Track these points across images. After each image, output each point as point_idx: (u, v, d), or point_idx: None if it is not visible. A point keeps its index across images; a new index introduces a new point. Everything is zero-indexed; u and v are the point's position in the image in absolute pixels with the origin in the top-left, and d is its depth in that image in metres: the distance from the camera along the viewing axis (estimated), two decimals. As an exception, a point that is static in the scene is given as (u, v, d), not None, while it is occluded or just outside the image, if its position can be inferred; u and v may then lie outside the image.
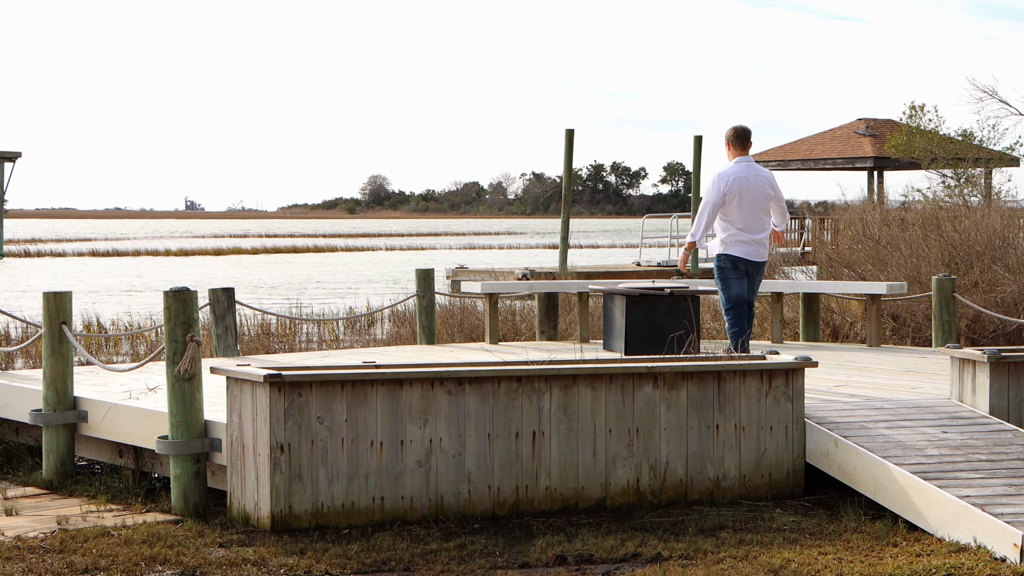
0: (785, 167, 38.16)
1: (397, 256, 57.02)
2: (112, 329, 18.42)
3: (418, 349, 12.36)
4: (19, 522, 7.36)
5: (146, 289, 32.97)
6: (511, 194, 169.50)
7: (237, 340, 11.64)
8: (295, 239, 73.97)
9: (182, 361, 7.40)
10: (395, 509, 7.19)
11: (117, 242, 70.35)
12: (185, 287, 7.57)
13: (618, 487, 7.61)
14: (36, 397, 8.79)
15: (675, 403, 7.74)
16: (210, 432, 7.55)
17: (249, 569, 6.31)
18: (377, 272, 42.89)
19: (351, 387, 7.14)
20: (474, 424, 7.36)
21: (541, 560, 6.48)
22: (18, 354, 13.35)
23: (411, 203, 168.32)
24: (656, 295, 11.14)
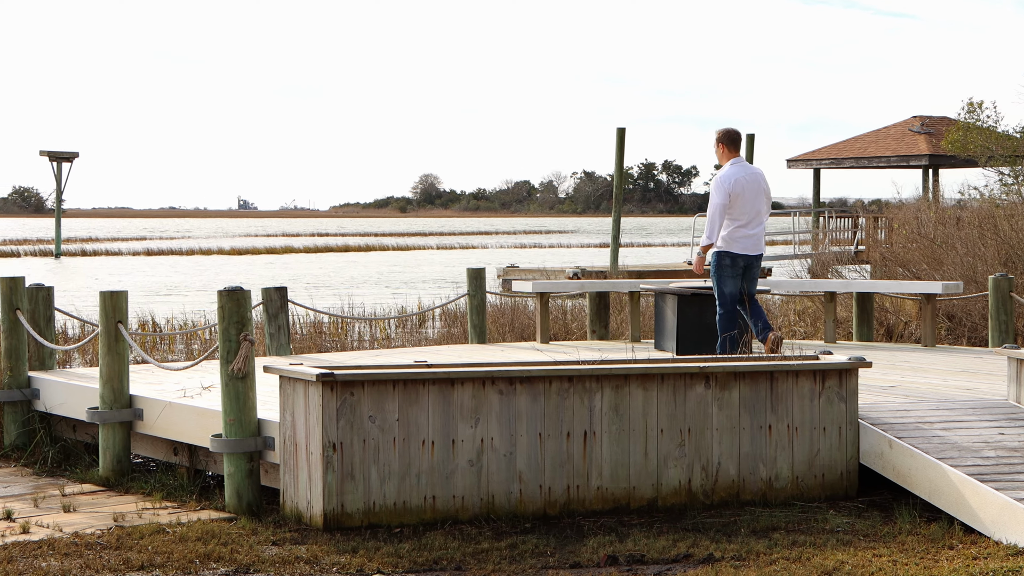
0: (838, 165, 37.85)
1: (448, 255, 57.17)
2: (167, 328, 18.61)
3: (469, 348, 12.39)
4: (77, 519, 7.45)
5: (200, 288, 33.28)
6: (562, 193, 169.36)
7: (290, 339, 11.72)
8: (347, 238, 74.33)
9: (236, 360, 7.46)
10: (446, 508, 7.21)
11: (172, 241, 71.06)
12: (238, 286, 7.63)
13: (670, 487, 7.58)
14: (93, 395, 8.90)
15: (727, 403, 7.70)
16: (263, 431, 7.61)
17: (302, 567, 6.35)
18: (428, 271, 43.03)
19: (403, 386, 7.17)
20: (525, 424, 7.36)
21: (592, 560, 6.47)
22: (75, 352, 13.52)
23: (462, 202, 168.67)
24: (708, 295, 11.08)
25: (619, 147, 23.90)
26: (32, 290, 9.89)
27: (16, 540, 6.86)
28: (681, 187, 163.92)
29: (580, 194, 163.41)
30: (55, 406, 9.51)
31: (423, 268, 45.03)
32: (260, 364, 8.08)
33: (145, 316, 19.25)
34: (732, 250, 10.00)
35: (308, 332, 16.44)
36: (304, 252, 59.65)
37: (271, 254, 57.61)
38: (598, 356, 9.20)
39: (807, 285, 15.10)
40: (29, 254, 52.97)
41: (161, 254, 55.93)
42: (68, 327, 16.54)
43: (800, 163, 38.62)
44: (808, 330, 15.41)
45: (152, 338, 15.86)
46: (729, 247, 10.02)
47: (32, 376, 9.78)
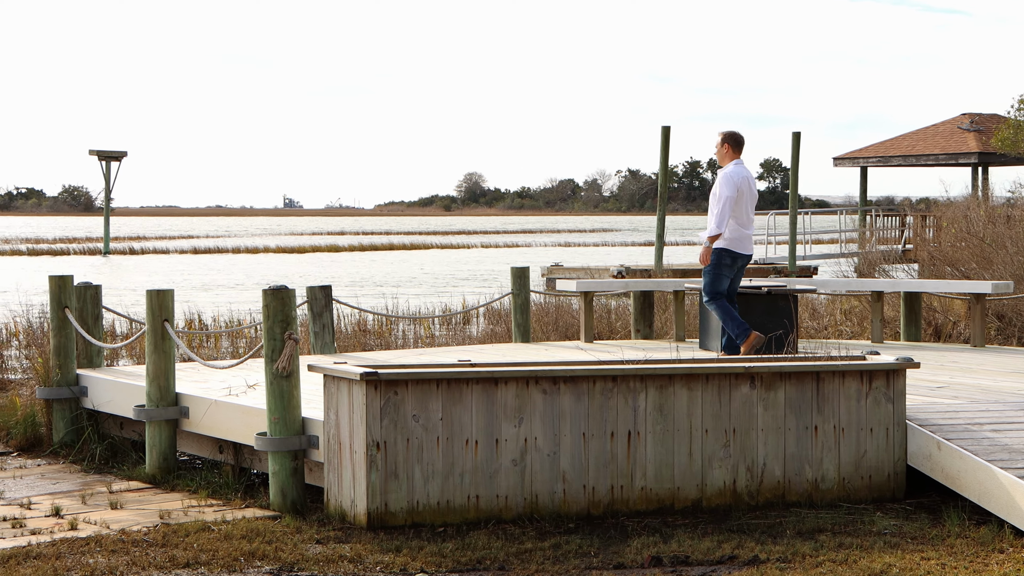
0: (886, 163, 37.51)
1: (492, 253, 57.21)
2: (212, 326, 18.74)
3: (513, 347, 12.38)
4: (123, 516, 7.51)
5: (246, 286, 33.49)
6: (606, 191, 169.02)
7: (334, 337, 11.76)
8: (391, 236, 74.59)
9: (280, 359, 7.49)
10: (490, 508, 7.20)
11: (218, 239, 71.58)
12: (283, 285, 7.66)
13: (714, 488, 7.54)
14: (139, 393, 8.97)
15: (773, 403, 7.64)
16: (307, 429, 7.63)
17: (346, 566, 6.36)
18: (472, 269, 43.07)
19: (446, 385, 7.17)
20: (569, 423, 7.34)
21: (636, 561, 6.44)
22: (123, 350, 13.63)
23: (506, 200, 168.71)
24: (753, 294, 11.02)
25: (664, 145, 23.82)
26: (80, 288, 9.99)
27: (64, 536, 6.93)
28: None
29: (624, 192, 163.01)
30: (103, 404, 9.60)
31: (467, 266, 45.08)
32: (304, 363, 8.12)
33: (191, 314, 19.39)
34: (733, 248, 10.19)
35: (352, 331, 16.49)
36: (349, 251, 59.92)
37: (316, 252, 57.91)
38: (642, 355, 9.16)
39: (854, 284, 14.97)
40: (78, 252, 53.55)
41: (207, 252, 56.37)
42: (116, 325, 16.69)
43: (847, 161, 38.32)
44: (855, 330, 15.27)
45: (199, 336, 15.97)
46: (732, 246, 10.20)
47: (80, 374, 9.87)
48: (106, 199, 52.93)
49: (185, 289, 30.87)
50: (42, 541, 6.81)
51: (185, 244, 63.54)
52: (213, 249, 58.48)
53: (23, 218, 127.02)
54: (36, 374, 10.45)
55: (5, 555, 6.50)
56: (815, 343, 11.93)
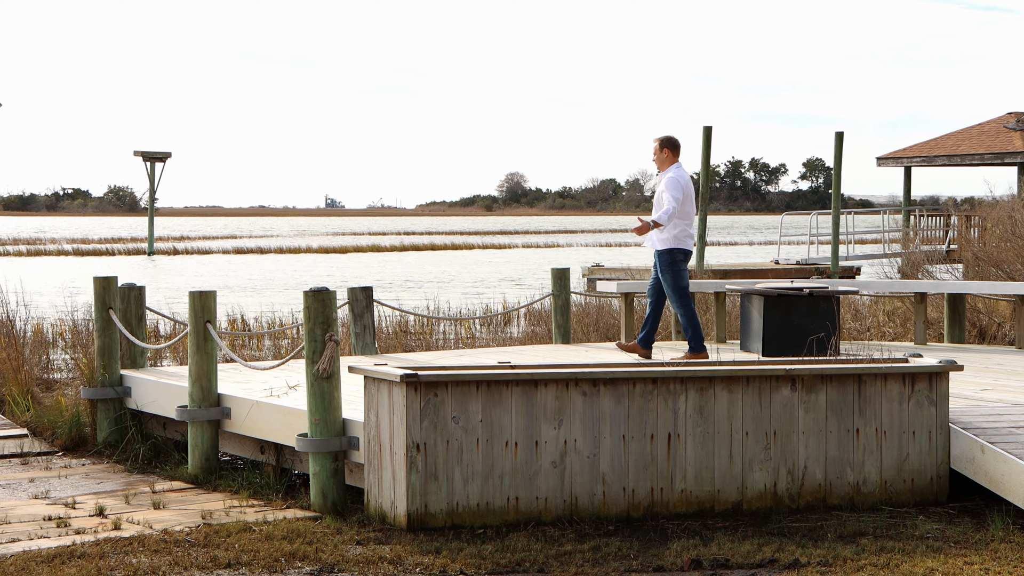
0: (930, 163, 37.19)
1: (533, 253, 57.21)
2: (255, 326, 18.87)
3: (553, 348, 12.37)
4: (166, 515, 7.58)
5: (288, 286, 33.68)
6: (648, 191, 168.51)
7: (375, 338, 11.80)
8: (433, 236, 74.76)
9: (321, 360, 7.53)
10: (529, 509, 7.21)
11: (261, 240, 72.01)
12: (324, 287, 7.69)
13: (754, 491, 7.50)
14: (182, 393, 9.04)
15: (814, 406, 7.59)
16: (348, 430, 7.67)
17: (386, 567, 6.39)
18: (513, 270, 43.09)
19: (486, 387, 7.18)
20: (609, 425, 7.33)
21: (676, 564, 6.42)
22: (165, 351, 13.75)
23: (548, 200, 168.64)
24: (795, 295, 10.96)
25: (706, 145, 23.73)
26: (124, 289, 10.08)
27: (108, 536, 7.00)
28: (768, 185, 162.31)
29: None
30: (146, 404, 9.68)
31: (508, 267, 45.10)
32: (345, 364, 8.15)
33: (234, 314, 19.53)
34: (683, 247, 10.68)
35: (393, 331, 16.54)
36: (390, 251, 60.12)
37: (358, 253, 58.14)
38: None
39: (897, 286, 14.85)
40: (123, 253, 54.05)
41: (250, 252, 56.73)
42: (160, 325, 16.83)
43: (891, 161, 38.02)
44: (898, 331, 15.15)
45: (241, 337, 16.08)
46: (681, 244, 10.67)
47: (124, 374, 9.96)
48: (150, 200, 53.39)
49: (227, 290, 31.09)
50: (86, 540, 6.88)
51: (228, 244, 63.97)
52: (255, 249, 58.83)
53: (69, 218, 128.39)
54: (81, 374, 10.56)
55: (50, 554, 6.57)
56: (857, 345, 11.85)
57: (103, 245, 59.23)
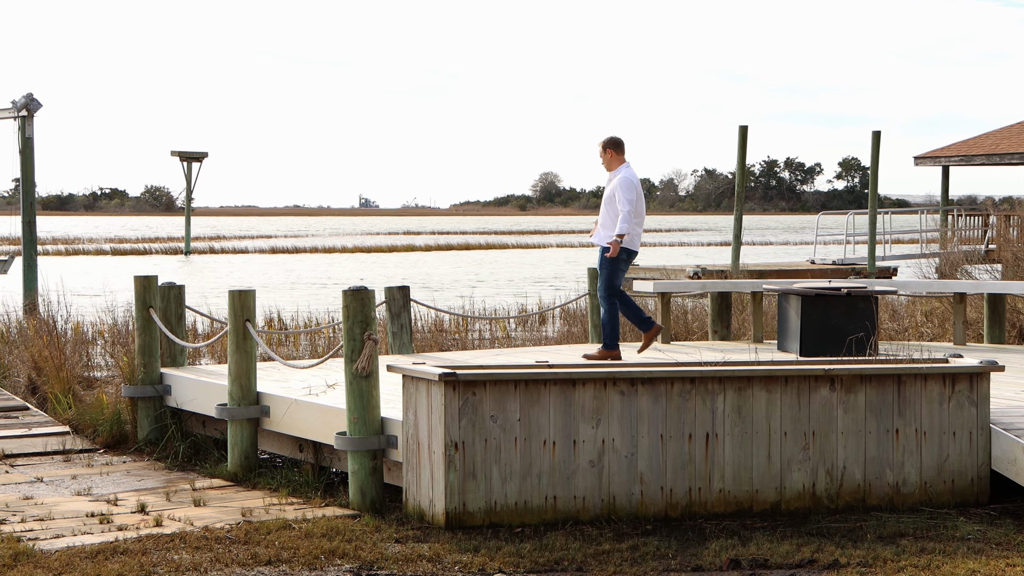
0: (968, 162, 36.90)
1: (568, 253, 57.17)
2: (291, 325, 18.96)
3: (590, 348, 12.36)
4: (206, 513, 7.64)
5: (324, 285, 33.82)
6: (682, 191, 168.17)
7: (412, 338, 11.84)
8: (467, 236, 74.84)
9: (360, 359, 7.56)
10: (567, 509, 7.22)
11: (296, 239, 72.33)
12: (363, 286, 7.73)
13: (793, 491, 7.48)
14: (222, 392, 9.11)
15: (853, 406, 7.56)
16: (386, 429, 7.70)
17: (424, 565, 6.41)
18: (548, 269, 43.08)
19: (524, 386, 7.19)
20: (647, 425, 7.33)
21: (715, 564, 6.42)
22: (203, 349, 13.84)
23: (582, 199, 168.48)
24: (833, 295, 10.91)
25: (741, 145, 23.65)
26: (164, 289, 10.16)
27: (150, 533, 7.06)
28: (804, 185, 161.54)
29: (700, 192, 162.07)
30: (185, 402, 9.76)
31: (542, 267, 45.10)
32: (383, 363, 8.18)
33: (271, 314, 19.63)
34: (631, 247, 10.70)
35: (430, 331, 16.59)
36: (425, 250, 60.24)
37: (393, 252, 58.29)
38: (720, 357, 9.12)
39: (936, 286, 14.75)
40: (160, 252, 54.44)
41: (286, 252, 56.99)
42: (198, 324, 16.95)
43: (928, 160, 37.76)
44: (936, 332, 15.05)
45: (278, 336, 16.17)
46: (629, 244, 10.70)
47: (164, 372, 10.04)
48: (187, 199, 53.75)
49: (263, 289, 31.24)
50: (128, 537, 6.95)
51: (263, 244, 64.29)
52: (291, 249, 59.10)
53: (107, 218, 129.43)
54: (121, 372, 10.66)
55: (94, 550, 6.64)
56: (896, 345, 11.78)
57: (140, 245, 59.68)
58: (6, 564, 6.39)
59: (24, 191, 23.96)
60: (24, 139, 23.49)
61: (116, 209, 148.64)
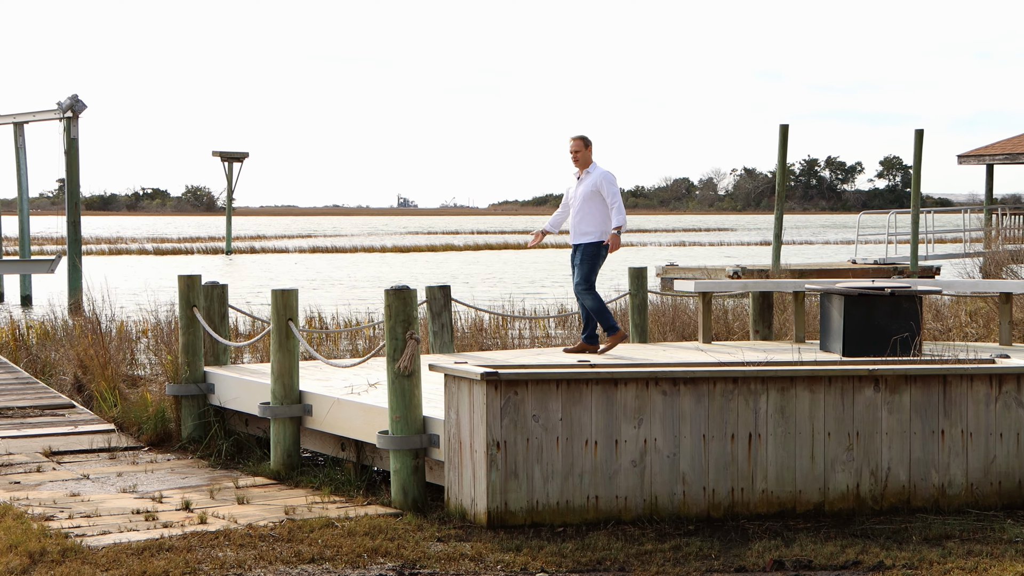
0: (1013, 160, 36.52)
1: (606, 253, 57.00)
2: (331, 324, 19.04)
3: (631, 348, 12.34)
4: (250, 511, 7.68)
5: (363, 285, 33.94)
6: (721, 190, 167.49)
7: (452, 337, 11.86)
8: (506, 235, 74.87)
9: (402, 358, 7.59)
10: (609, 508, 7.21)
11: (335, 239, 72.63)
12: (405, 285, 7.75)
13: (837, 492, 7.44)
14: (264, 391, 9.16)
15: (897, 407, 7.51)
16: (428, 428, 7.72)
17: (467, 564, 6.42)
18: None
19: (566, 386, 7.19)
20: (689, 425, 7.31)
21: (758, 565, 6.39)
22: (246, 348, 13.92)
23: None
24: (876, 295, 10.84)
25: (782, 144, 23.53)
26: (208, 288, 10.23)
27: (194, 530, 7.11)
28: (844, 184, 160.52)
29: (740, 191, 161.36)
30: (229, 400, 9.82)
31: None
32: (425, 362, 8.20)
33: (312, 313, 19.72)
34: (606, 240, 10.79)
35: (469, 330, 16.60)
36: (464, 250, 60.31)
37: (432, 252, 58.41)
38: (762, 357, 9.08)
39: (981, 285, 14.62)
40: (201, 252, 54.82)
41: (325, 251, 57.24)
42: (240, 323, 17.05)
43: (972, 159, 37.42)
44: (980, 332, 14.91)
45: (319, 335, 16.23)
46: (606, 239, 10.80)
47: (207, 371, 10.11)
48: (228, 199, 54.10)
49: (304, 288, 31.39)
50: (174, 534, 7.01)
51: (304, 244, 64.60)
52: (331, 248, 59.35)
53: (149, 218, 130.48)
54: (165, 371, 10.74)
55: (140, 546, 6.70)
56: (940, 345, 11.68)
57: (182, 244, 60.12)
58: (55, 560, 6.46)
59: (69, 191, 24.22)
60: (69, 140, 23.77)
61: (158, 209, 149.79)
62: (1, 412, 10.90)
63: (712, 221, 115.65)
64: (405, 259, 51.19)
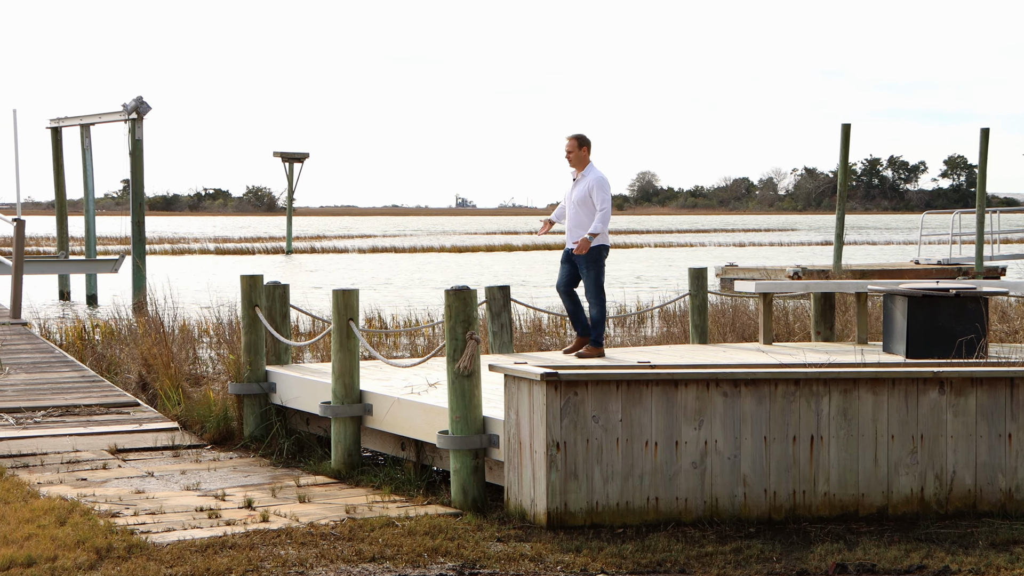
0: (1080, 159, 35.90)
1: (665, 253, 56.87)
2: (391, 324, 19.14)
3: (690, 348, 12.29)
4: (311, 509, 7.74)
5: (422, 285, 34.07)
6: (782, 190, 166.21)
7: (512, 337, 11.87)
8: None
9: (462, 358, 7.60)
10: (669, 510, 7.18)
11: (395, 239, 72.98)
12: (465, 286, 7.77)
13: (900, 495, 7.36)
14: (325, 390, 9.22)
15: (963, 410, 7.41)
16: (488, 428, 7.73)
17: (527, 565, 6.43)
18: (645, 269, 42.89)
19: (626, 387, 7.17)
20: (750, 426, 7.27)
21: (820, 568, 6.34)
22: (306, 347, 14.03)
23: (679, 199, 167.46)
24: (940, 296, 10.71)
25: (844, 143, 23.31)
26: (269, 288, 10.32)
27: (257, 528, 7.18)
28: (907, 183, 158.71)
29: (801, 191, 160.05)
30: (290, 400, 9.90)
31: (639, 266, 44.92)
32: (485, 363, 8.21)
33: (371, 313, 19.83)
34: (608, 243, 10.92)
35: (528, 330, 16.62)
36: (523, 250, 60.34)
37: (490, 252, 58.50)
38: (824, 358, 9.01)
39: (1047, 286, 14.38)
40: (262, 251, 55.29)
41: (384, 252, 57.52)
42: (300, 322, 17.19)
43: (1038, 157, 36.83)
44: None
45: (378, 335, 16.32)
46: (607, 241, 10.90)
47: (269, 370, 10.20)
48: (288, 199, 54.52)
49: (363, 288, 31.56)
50: (236, 532, 7.07)
51: (363, 244, 64.97)
52: (390, 248, 59.64)
53: (210, 218, 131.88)
54: (227, 370, 10.85)
55: (203, 544, 6.77)
56: (1007, 348, 11.52)
57: (243, 244, 60.69)
58: (121, 556, 6.55)
59: (133, 192, 24.54)
60: (134, 141, 24.08)
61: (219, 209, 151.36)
62: (68, 410, 11.08)
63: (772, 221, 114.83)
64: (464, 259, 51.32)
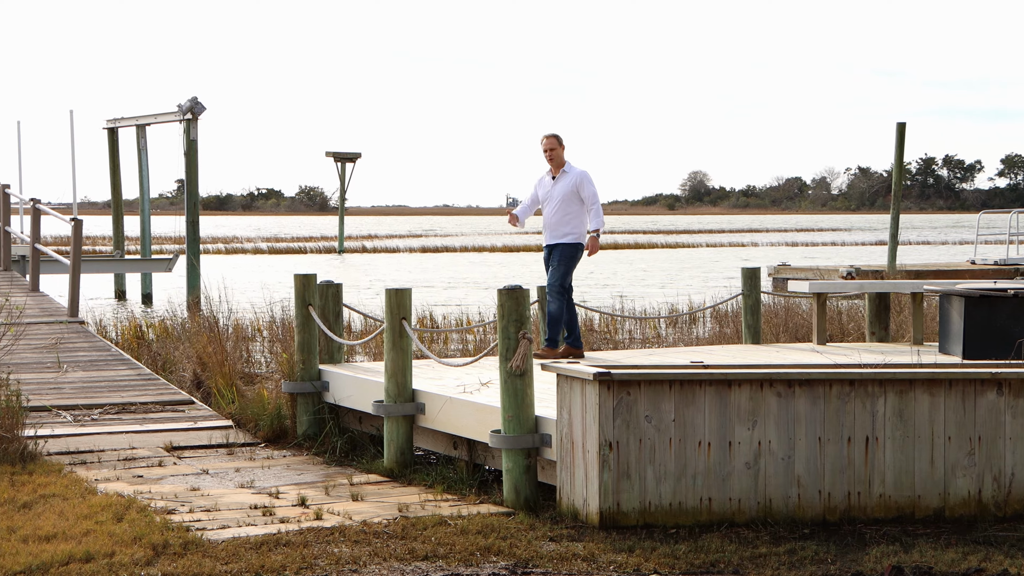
0: None
1: (717, 253, 56.60)
2: (442, 323, 19.19)
3: (743, 348, 12.23)
4: (364, 507, 7.78)
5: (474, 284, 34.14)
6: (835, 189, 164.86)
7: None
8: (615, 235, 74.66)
9: (514, 358, 7.61)
10: (722, 510, 7.15)
11: (446, 238, 73.16)
12: (518, 285, 7.78)
13: (957, 497, 7.28)
14: (378, 389, 9.27)
15: (1022, 411, 7.31)
16: (540, 428, 7.73)
17: (579, 564, 6.42)
18: (697, 269, 42.71)
19: (679, 387, 7.15)
20: (804, 427, 7.21)
21: (876, 570, 6.28)
22: (358, 346, 14.10)
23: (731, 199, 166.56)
24: (998, 296, 10.57)
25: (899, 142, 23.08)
26: (323, 287, 10.38)
27: (311, 526, 7.23)
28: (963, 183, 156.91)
29: (854, 191, 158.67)
30: (343, 398, 9.95)
31: (691, 266, 44.74)
32: (537, 362, 8.21)
33: (423, 312, 19.90)
34: (584, 241, 10.58)
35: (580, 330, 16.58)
36: (573, 250, 60.10)
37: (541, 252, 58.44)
38: (879, 359, 8.93)
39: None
40: (315, 251, 55.66)
41: (436, 251, 57.69)
42: (353, 321, 17.28)
43: (1097, 156, 36.32)
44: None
45: (430, 334, 16.37)
46: (584, 239, 10.60)
47: (322, 369, 10.26)
48: (341, 199, 54.83)
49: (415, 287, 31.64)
50: (290, 529, 7.13)
51: (415, 243, 65.19)
52: (441, 248, 59.80)
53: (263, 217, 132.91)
54: (280, 369, 10.92)
55: (258, 541, 6.83)
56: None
57: (296, 243, 61.11)
58: (177, 552, 6.62)
59: (188, 192, 24.78)
60: (188, 141, 24.33)
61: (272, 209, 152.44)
62: (124, 407, 11.21)
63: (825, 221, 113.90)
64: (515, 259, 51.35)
